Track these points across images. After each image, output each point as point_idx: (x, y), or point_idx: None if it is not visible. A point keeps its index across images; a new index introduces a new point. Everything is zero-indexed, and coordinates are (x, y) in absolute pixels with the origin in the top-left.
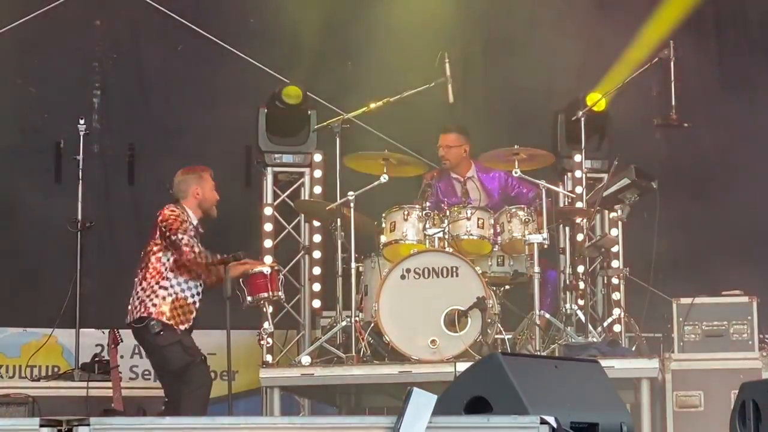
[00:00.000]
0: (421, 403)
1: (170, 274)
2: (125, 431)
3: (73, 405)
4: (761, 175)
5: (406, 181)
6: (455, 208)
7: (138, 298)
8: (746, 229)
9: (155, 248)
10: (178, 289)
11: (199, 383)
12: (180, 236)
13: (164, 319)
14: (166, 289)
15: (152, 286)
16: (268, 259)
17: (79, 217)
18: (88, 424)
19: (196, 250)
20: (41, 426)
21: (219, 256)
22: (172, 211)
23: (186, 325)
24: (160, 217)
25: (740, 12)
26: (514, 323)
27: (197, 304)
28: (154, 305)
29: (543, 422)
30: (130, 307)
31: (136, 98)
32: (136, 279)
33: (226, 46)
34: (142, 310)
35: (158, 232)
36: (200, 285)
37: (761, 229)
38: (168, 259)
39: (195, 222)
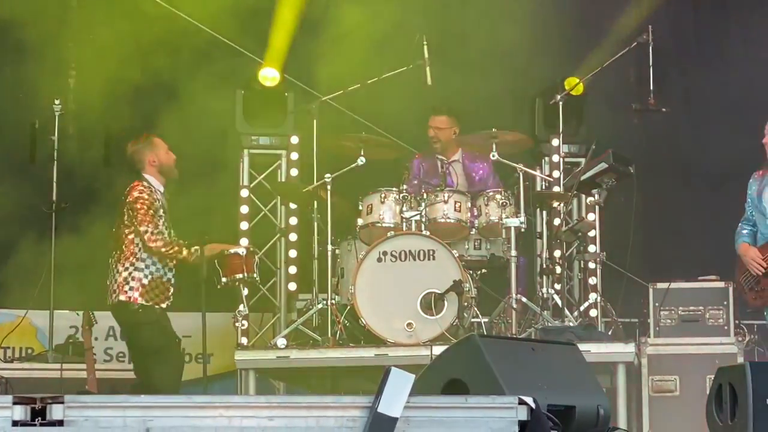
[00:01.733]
0: (399, 382)
1: (144, 255)
2: (100, 409)
3: (47, 386)
4: (738, 159)
5: (383, 163)
6: (432, 192)
7: (116, 282)
8: (723, 214)
9: (126, 231)
10: (153, 268)
11: (171, 365)
12: (144, 228)
13: (144, 301)
14: (141, 270)
15: (128, 269)
16: (244, 241)
17: (54, 197)
18: (63, 402)
19: (159, 242)
20: (15, 404)
21: (185, 250)
22: (140, 192)
23: (166, 303)
24: (128, 199)
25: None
26: (490, 307)
27: (172, 281)
28: (132, 288)
29: (521, 402)
30: (109, 290)
31: (112, 79)
32: (110, 260)
33: (203, 27)
34: (121, 293)
35: (127, 214)
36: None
37: (737, 213)
38: (141, 240)
39: (162, 190)
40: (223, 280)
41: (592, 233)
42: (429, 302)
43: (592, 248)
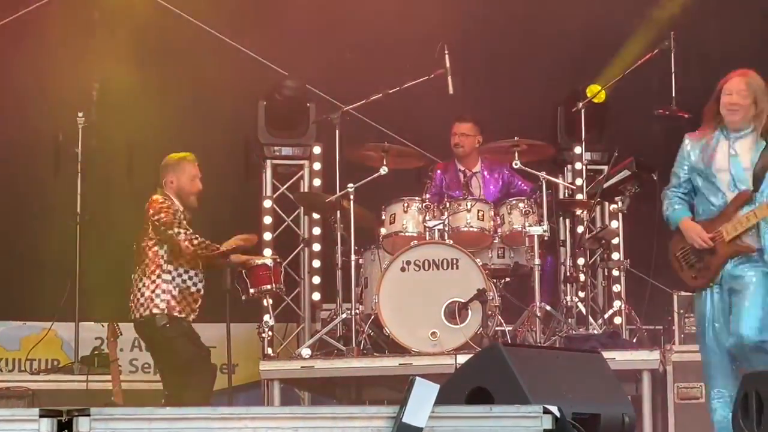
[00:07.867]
0: (424, 392)
1: (170, 267)
2: (126, 421)
3: (73, 398)
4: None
5: (405, 173)
6: (455, 200)
7: (142, 295)
8: None
9: (150, 243)
10: (179, 280)
11: (203, 376)
12: (176, 230)
13: (174, 312)
14: (169, 282)
15: (155, 282)
16: (268, 251)
17: (78, 210)
18: (89, 415)
19: (195, 242)
20: (41, 416)
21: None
22: (161, 203)
23: (193, 315)
24: (150, 211)
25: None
26: (514, 315)
27: (201, 292)
28: (162, 300)
29: (546, 411)
30: (133, 305)
31: (135, 91)
32: (134, 275)
33: (224, 38)
34: (150, 306)
35: (151, 227)
36: (201, 272)
37: None
38: (165, 251)
39: (181, 208)
40: (251, 291)
41: (615, 241)
42: (453, 311)
43: (615, 256)
